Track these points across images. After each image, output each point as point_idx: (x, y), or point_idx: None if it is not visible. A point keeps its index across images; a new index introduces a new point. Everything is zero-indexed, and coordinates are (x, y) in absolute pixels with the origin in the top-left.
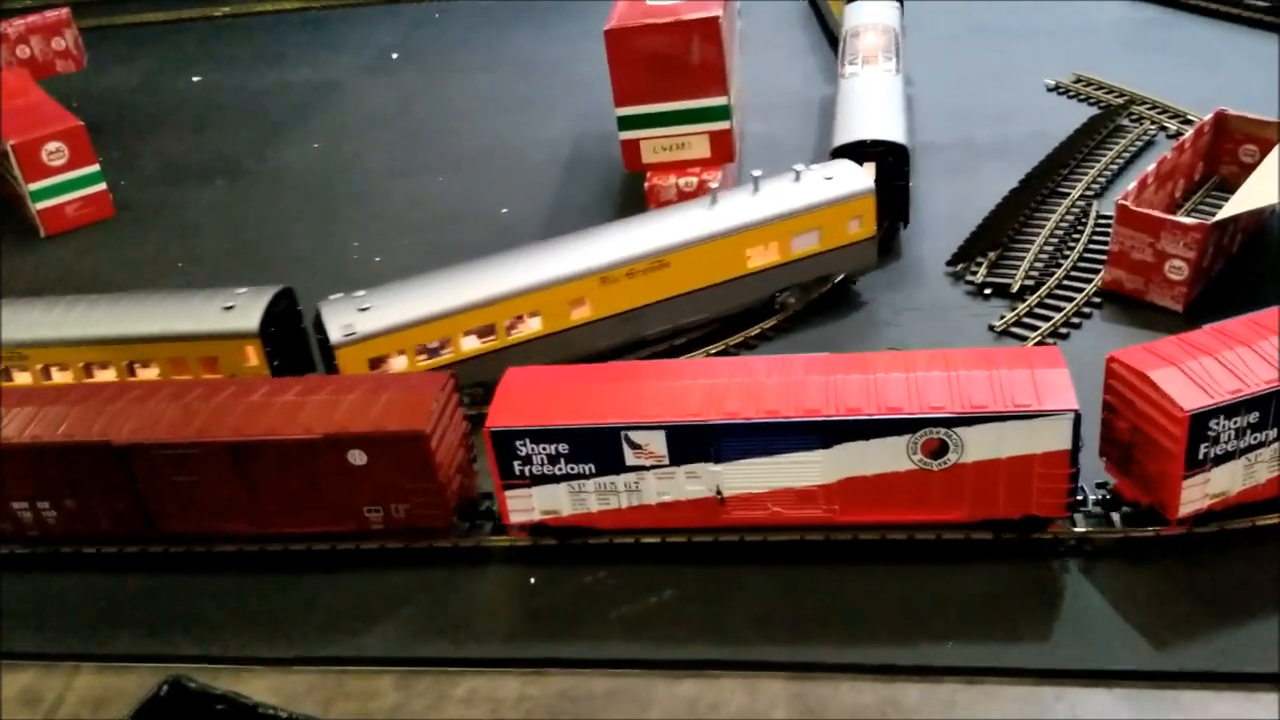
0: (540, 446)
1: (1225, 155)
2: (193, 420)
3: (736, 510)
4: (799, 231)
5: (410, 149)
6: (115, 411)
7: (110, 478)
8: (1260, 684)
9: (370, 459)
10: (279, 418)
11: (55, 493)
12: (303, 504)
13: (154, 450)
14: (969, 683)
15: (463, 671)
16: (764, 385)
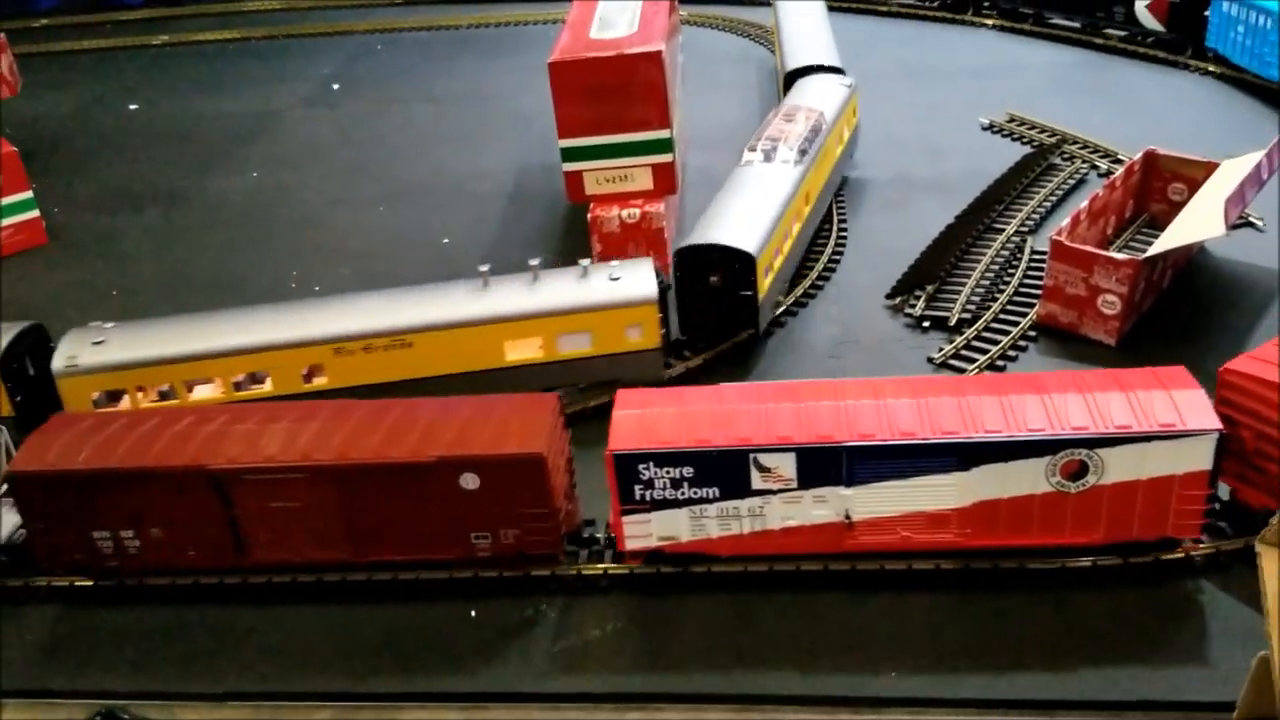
0: (664, 470)
1: (1155, 193)
2: (292, 444)
3: (865, 535)
4: (567, 331)
5: (351, 179)
6: (208, 435)
7: (203, 504)
8: None
9: (483, 483)
10: (385, 441)
11: (142, 521)
12: (408, 531)
13: (251, 475)
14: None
15: (403, 705)
16: (895, 406)
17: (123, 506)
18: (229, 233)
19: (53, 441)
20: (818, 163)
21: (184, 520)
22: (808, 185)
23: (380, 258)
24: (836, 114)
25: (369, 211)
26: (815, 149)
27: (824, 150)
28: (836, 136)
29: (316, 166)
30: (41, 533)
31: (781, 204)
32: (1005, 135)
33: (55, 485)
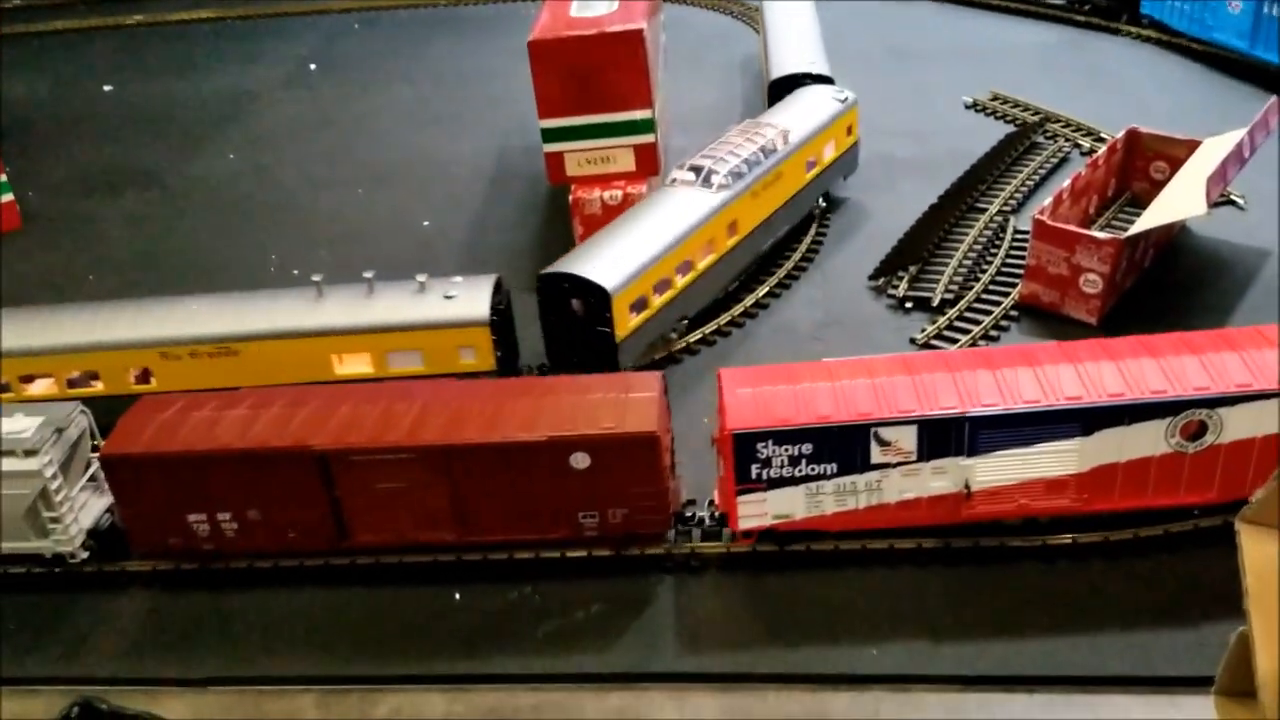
0: (783, 448)
1: (1137, 172)
2: (398, 425)
3: (982, 505)
4: (396, 349)
5: (329, 161)
6: (307, 417)
7: (306, 487)
8: None
9: (595, 462)
10: (494, 421)
11: (240, 503)
12: (515, 511)
13: (358, 456)
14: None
15: (386, 689)
16: (1014, 375)
17: (221, 489)
18: (206, 216)
19: (145, 424)
20: (762, 190)
21: (285, 503)
22: (736, 214)
23: (359, 241)
24: (814, 132)
25: (348, 194)
26: (757, 175)
27: (777, 175)
28: (805, 159)
29: (294, 148)
30: (135, 516)
31: (679, 236)
32: (989, 114)
33: (151, 468)
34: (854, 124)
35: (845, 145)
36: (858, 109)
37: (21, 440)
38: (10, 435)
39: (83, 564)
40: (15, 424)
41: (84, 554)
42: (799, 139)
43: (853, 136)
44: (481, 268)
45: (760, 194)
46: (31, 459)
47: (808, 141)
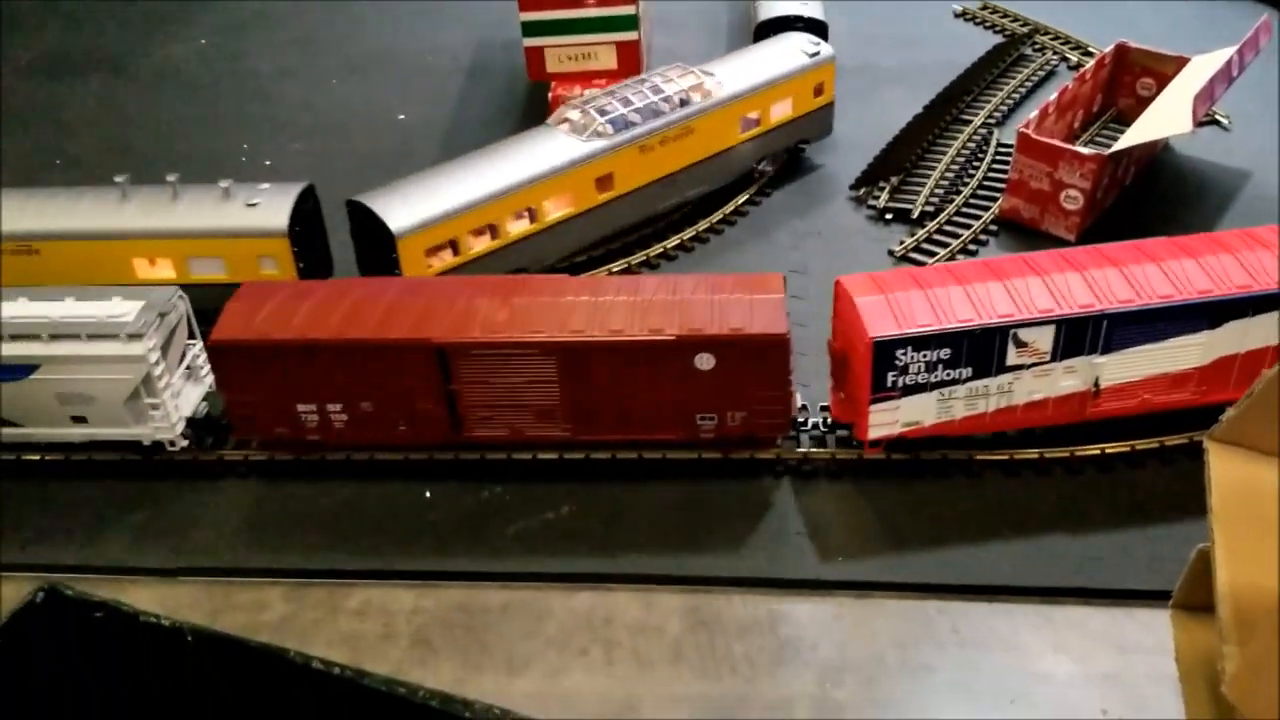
0: (921, 354)
1: (1123, 88)
2: (521, 319)
3: (1108, 402)
4: (198, 255)
5: (303, 50)
6: (424, 308)
7: (425, 379)
8: None
9: (719, 363)
10: (620, 318)
11: (354, 395)
12: (632, 411)
13: (479, 350)
14: (858, 596)
15: (355, 583)
16: (1144, 270)
17: (333, 379)
18: (177, 102)
19: (253, 310)
20: (659, 145)
21: (399, 395)
22: (612, 168)
23: (333, 133)
24: (756, 87)
25: (322, 84)
26: (653, 128)
27: (686, 130)
28: (738, 115)
29: (268, 35)
30: (242, 405)
31: (518, 182)
32: (978, 24)
33: (263, 356)
34: (827, 82)
35: (809, 106)
36: (834, 66)
37: (124, 324)
38: (112, 318)
39: (181, 452)
40: (116, 307)
41: (184, 442)
42: (730, 93)
43: (824, 97)
44: None
45: (655, 149)
46: (135, 343)
47: (744, 97)
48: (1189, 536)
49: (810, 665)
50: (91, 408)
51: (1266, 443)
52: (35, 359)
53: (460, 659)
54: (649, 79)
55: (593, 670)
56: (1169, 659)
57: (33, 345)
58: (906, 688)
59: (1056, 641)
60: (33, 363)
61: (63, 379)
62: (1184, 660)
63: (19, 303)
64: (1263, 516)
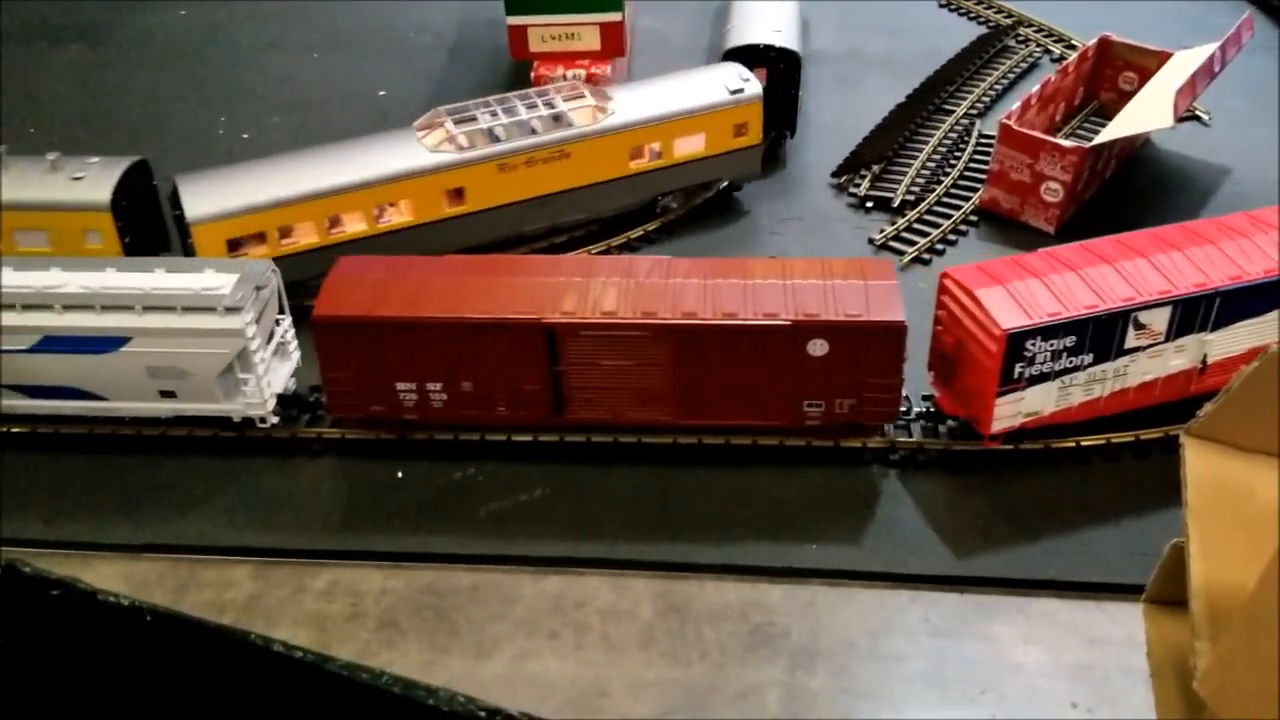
0: (1048, 344)
1: (1105, 82)
2: (632, 301)
3: (1211, 377)
4: (22, 228)
5: (284, 22)
6: (530, 287)
7: (529, 359)
8: None
9: (833, 349)
10: (732, 302)
11: (456, 374)
12: (739, 396)
13: (590, 331)
14: (830, 584)
15: (323, 563)
16: (1236, 247)
17: (437, 357)
18: (155, 72)
19: (352, 286)
20: (525, 166)
21: (502, 374)
22: (463, 181)
23: (313, 107)
24: (656, 119)
25: (302, 57)
26: (518, 147)
27: (560, 153)
28: (629, 145)
29: (249, 6)
30: (340, 381)
31: (345, 185)
32: (962, 14)
33: (366, 332)
34: (752, 122)
35: (728, 145)
36: (759, 106)
37: (222, 297)
38: (208, 291)
39: (272, 429)
40: (210, 279)
41: (275, 418)
42: (621, 121)
43: (748, 138)
44: None
45: (518, 169)
46: (233, 316)
47: (637, 127)
48: (1163, 531)
49: (781, 652)
50: (183, 382)
51: (1243, 439)
52: (127, 331)
53: (428, 641)
54: (540, 94)
55: (562, 654)
56: (1140, 652)
57: (125, 316)
58: (877, 676)
59: (1028, 633)
60: (125, 335)
61: (156, 352)
62: (1155, 655)
63: (107, 273)
64: (1238, 513)
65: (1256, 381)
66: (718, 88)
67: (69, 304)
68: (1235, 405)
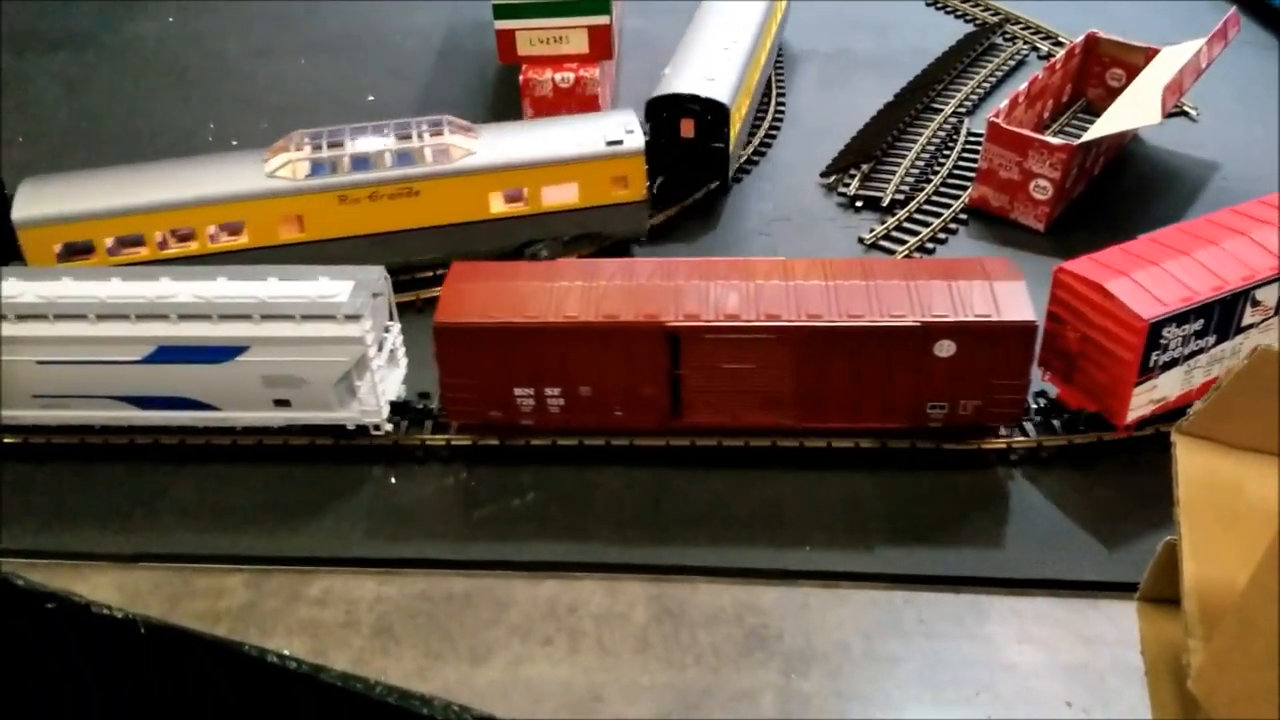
0: (1180, 329)
1: (1093, 78)
2: (754, 303)
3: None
4: None
5: (272, 28)
6: (651, 290)
7: (650, 363)
8: None
9: (960, 350)
10: (858, 304)
11: (574, 379)
12: (863, 398)
13: (713, 334)
14: (824, 586)
15: (316, 571)
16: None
17: (557, 362)
18: (143, 80)
19: (470, 292)
20: (369, 199)
21: (621, 379)
22: (301, 209)
23: (302, 112)
24: (519, 164)
25: (290, 63)
26: (358, 180)
27: (408, 190)
28: (489, 189)
29: (236, 12)
30: (459, 388)
31: (171, 202)
32: (950, 12)
33: (487, 338)
34: (633, 176)
35: (606, 198)
36: (642, 160)
37: (340, 304)
38: (325, 298)
39: (385, 436)
40: (325, 287)
41: (389, 426)
42: (478, 164)
43: (630, 192)
44: None
45: (361, 202)
46: (352, 324)
47: (496, 171)
48: (1156, 529)
49: (776, 655)
50: (299, 390)
51: (1234, 437)
52: (245, 340)
53: (423, 648)
54: (402, 127)
55: (556, 660)
56: (1134, 651)
57: (243, 325)
58: (872, 678)
59: (1022, 633)
60: (242, 344)
61: (273, 360)
62: (1149, 653)
63: (219, 282)
64: (1229, 511)
65: (1247, 379)
66: (596, 137)
67: (185, 313)
68: (1226, 403)
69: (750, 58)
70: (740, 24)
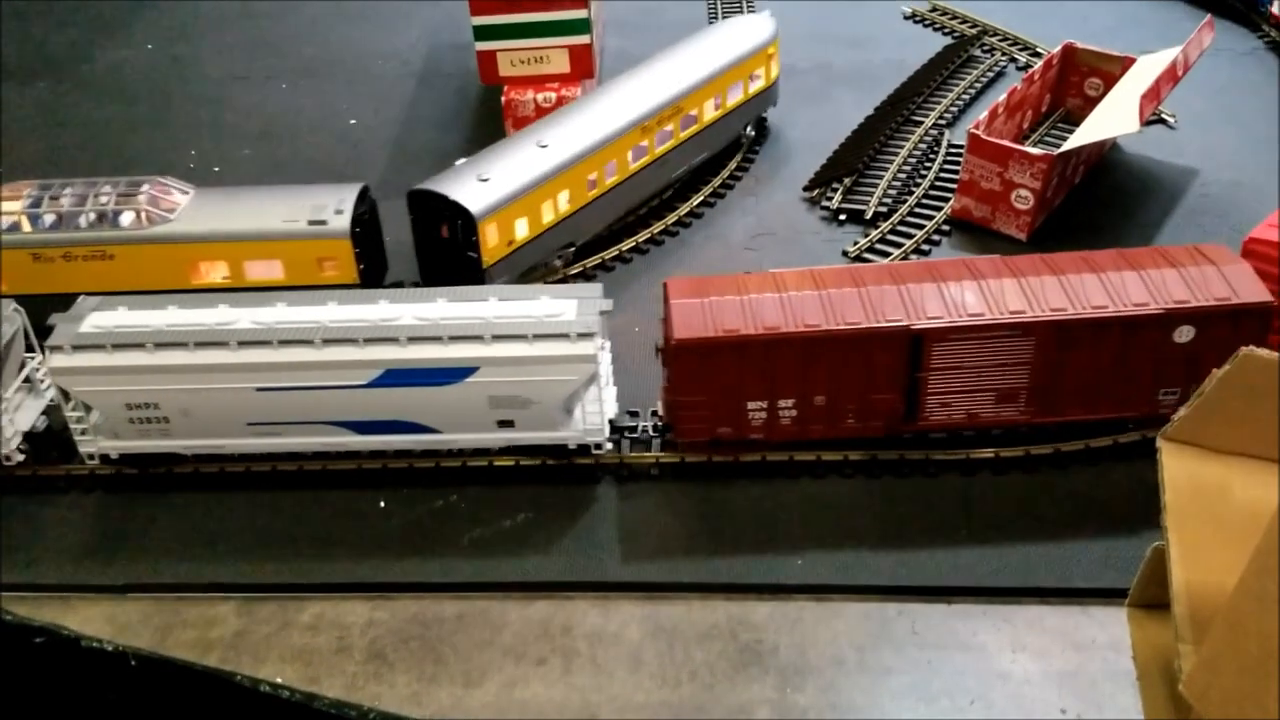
0: None
1: (1071, 87)
2: (995, 301)
3: None
4: None
5: (252, 54)
6: (878, 296)
7: (891, 367)
8: None
9: (1198, 335)
10: (1100, 295)
11: (810, 388)
12: (1097, 389)
13: (956, 334)
14: (817, 600)
15: (308, 596)
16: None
17: (795, 372)
18: (123, 108)
19: (697, 308)
20: (63, 260)
21: (857, 385)
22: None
23: (283, 138)
24: (218, 235)
25: (271, 89)
26: (48, 239)
27: (105, 254)
28: (184, 258)
29: (216, 39)
30: (692, 405)
31: None
32: (927, 25)
33: (728, 353)
34: (341, 260)
35: (314, 279)
36: (347, 243)
37: (572, 323)
38: (552, 317)
39: (604, 455)
40: (549, 306)
41: (609, 444)
42: (175, 231)
43: (338, 274)
44: (411, 169)
45: (55, 261)
46: (585, 342)
47: (192, 240)
48: (1145, 534)
49: (771, 670)
50: (525, 411)
51: (1218, 441)
52: (475, 361)
53: (416, 672)
54: (113, 185)
55: (550, 680)
56: (1126, 656)
57: (474, 346)
58: (866, 690)
59: (1015, 641)
60: (471, 365)
61: (502, 381)
62: (1141, 658)
63: (440, 304)
64: (1215, 515)
65: (1230, 383)
66: (304, 213)
67: (414, 336)
68: (1210, 407)
69: (579, 160)
70: (617, 111)
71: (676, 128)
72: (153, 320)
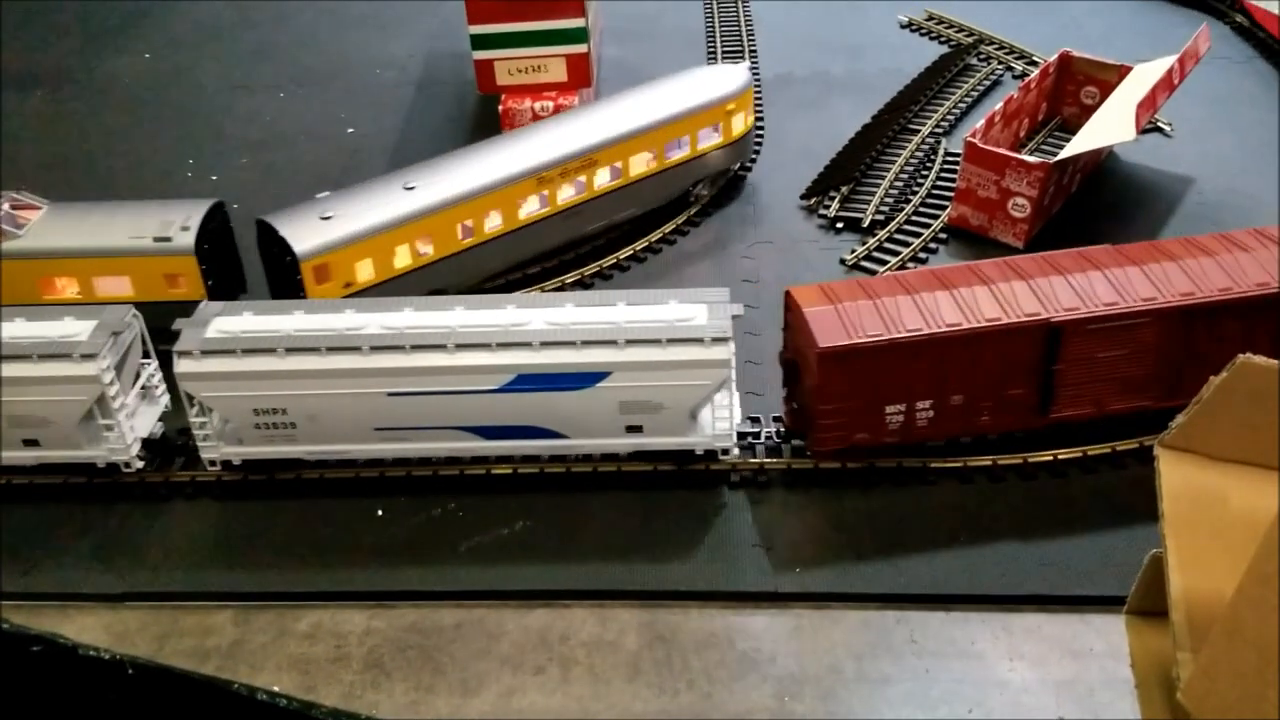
0: None
1: (1067, 97)
2: (1126, 289)
3: None
4: None
5: (250, 63)
6: (1034, 288)
7: (1027, 361)
8: None
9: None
10: (1223, 278)
11: (947, 388)
12: (1220, 371)
13: (1096, 324)
14: (815, 608)
15: (305, 605)
16: None
17: (934, 373)
18: (121, 117)
19: (831, 315)
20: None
21: (993, 381)
22: None
23: (282, 147)
24: (65, 251)
25: (269, 98)
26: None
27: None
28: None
29: (214, 48)
30: (833, 413)
31: None
32: (923, 34)
33: (872, 358)
34: (187, 278)
35: (163, 295)
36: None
37: (704, 327)
38: (683, 321)
39: (730, 461)
40: (679, 310)
41: (736, 451)
42: (25, 247)
43: (186, 290)
44: None
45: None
46: (718, 347)
47: (40, 257)
48: (1143, 542)
49: (769, 678)
50: (654, 416)
51: (1216, 448)
52: (609, 365)
53: (414, 681)
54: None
55: (548, 689)
56: (1124, 664)
57: (608, 351)
58: (865, 699)
59: (1013, 649)
60: (605, 370)
61: (635, 386)
62: (1139, 666)
63: (568, 308)
64: (1213, 522)
65: (1227, 390)
66: (151, 229)
67: (547, 340)
68: (1208, 415)
69: (447, 206)
70: (514, 158)
71: (590, 180)
72: (280, 325)
